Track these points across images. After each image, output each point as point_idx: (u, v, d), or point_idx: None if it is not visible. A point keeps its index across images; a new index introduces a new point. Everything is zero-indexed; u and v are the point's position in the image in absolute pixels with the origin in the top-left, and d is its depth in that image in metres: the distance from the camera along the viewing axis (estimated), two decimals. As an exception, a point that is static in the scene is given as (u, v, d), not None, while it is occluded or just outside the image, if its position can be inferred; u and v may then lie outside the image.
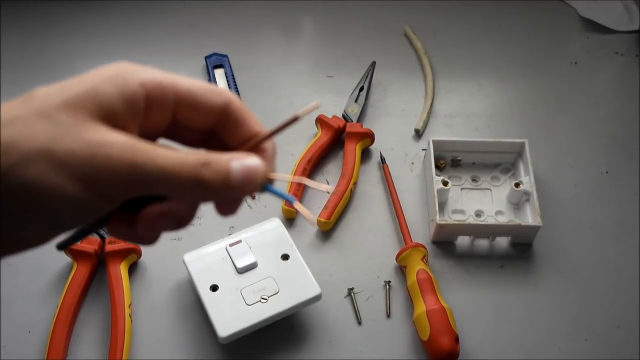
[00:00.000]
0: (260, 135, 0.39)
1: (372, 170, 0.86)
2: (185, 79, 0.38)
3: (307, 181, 0.39)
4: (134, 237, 0.38)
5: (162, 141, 0.39)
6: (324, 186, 0.39)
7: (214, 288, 0.71)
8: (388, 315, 0.75)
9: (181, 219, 0.38)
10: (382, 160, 0.86)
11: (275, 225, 0.76)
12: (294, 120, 0.38)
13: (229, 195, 0.36)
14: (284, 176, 0.38)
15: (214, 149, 0.38)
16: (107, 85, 0.34)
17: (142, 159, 0.33)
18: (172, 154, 0.34)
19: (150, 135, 0.37)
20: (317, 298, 0.71)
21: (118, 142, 0.33)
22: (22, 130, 0.32)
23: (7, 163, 0.31)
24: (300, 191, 0.82)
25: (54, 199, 0.32)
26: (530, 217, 0.79)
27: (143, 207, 0.37)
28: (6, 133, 0.32)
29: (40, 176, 0.32)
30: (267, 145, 0.39)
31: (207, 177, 0.35)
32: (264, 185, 0.37)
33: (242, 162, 0.36)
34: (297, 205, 0.38)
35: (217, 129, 0.39)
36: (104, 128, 0.34)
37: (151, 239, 0.39)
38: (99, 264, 0.76)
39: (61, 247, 0.41)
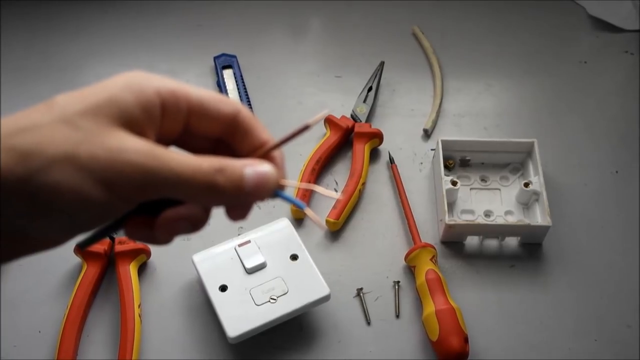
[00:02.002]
0: (272, 144, 0.40)
1: (380, 170, 0.86)
2: (196, 88, 0.39)
3: (316, 187, 0.40)
4: (150, 238, 0.40)
5: (172, 149, 0.40)
6: (333, 193, 0.40)
7: (223, 288, 0.71)
8: (397, 316, 0.75)
9: (197, 222, 0.40)
10: (391, 160, 0.86)
11: (284, 225, 0.76)
12: (305, 129, 0.40)
13: (242, 201, 0.38)
14: (294, 182, 0.40)
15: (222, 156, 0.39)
16: (125, 93, 0.36)
17: (159, 165, 0.35)
18: (187, 160, 0.36)
19: (163, 142, 0.38)
20: (326, 298, 0.71)
21: (137, 147, 0.35)
22: (47, 135, 0.34)
23: (33, 167, 0.33)
24: (309, 192, 0.82)
25: (78, 200, 0.34)
26: (539, 217, 0.79)
27: (159, 208, 0.38)
28: (31, 139, 0.33)
29: (65, 179, 0.33)
30: (276, 153, 0.40)
31: (221, 183, 0.36)
32: (275, 191, 0.39)
33: (255, 168, 0.37)
34: (308, 211, 0.40)
35: (226, 137, 0.40)
36: (123, 133, 0.35)
37: (167, 241, 0.40)
38: (109, 264, 0.76)
39: (82, 246, 0.42)
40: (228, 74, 0.92)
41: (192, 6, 1.02)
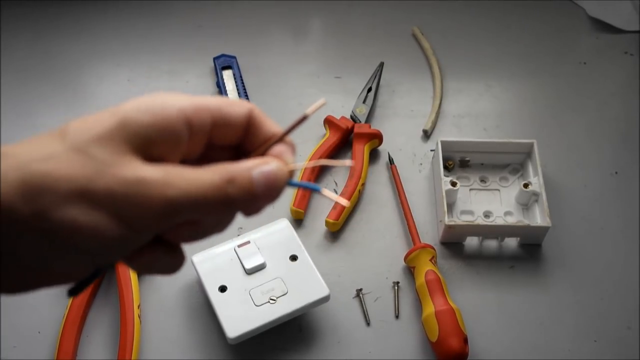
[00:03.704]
0: (273, 138, 0.40)
1: (380, 171, 0.86)
2: (209, 97, 0.38)
3: (326, 161, 0.40)
4: (158, 267, 0.39)
5: None
6: (347, 161, 0.40)
7: (223, 289, 0.71)
8: (397, 316, 0.75)
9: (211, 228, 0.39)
10: (391, 161, 0.86)
11: (283, 226, 0.76)
12: (304, 119, 0.39)
13: (257, 205, 0.37)
14: (302, 164, 0.39)
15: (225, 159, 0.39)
16: (139, 114, 0.35)
17: (174, 193, 0.34)
18: (199, 178, 0.35)
19: (189, 162, 0.37)
20: (325, 299, 0.71)
21: (152, 177, 0.34)
22: (60, 168, 0.33)
23: (45, 203, 0.32)
24: (309, 192, 0.82)
25: (94, 236, 0.33)
26: (539, 217, 0.79)
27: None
28: (44, 171, 0.32)
29: (79, 216, 0.32)
30: (286, 140, 0.40)
31: (233, 194, 0.35)
32: (290, 181, 0.38)
33: (261, 169, 0.36)
34: (325, 191, 0.39)
35: (242, 141, 0.40)
36: (138, 162, 0.34)
37: (179, 262, 0.39)
38: (108, 264, 0.76)
39: (72, 293, 0.40)
40: (228, 75, 0.92)
41: (193, 7, 1.02)
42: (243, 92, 0.91)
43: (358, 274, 0.77)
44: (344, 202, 0.41)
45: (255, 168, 0.36)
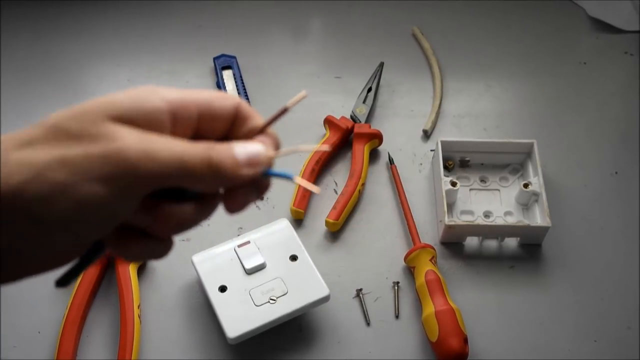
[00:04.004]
0: (255, 128, 0.40)
1: (380, 170, 0.86)
2: (199, 91, 0.39)
3: (304, 148, 0.40)
4: (144, 254, 0.39)
5: None
6: (324, 146, 0.41)
7: (223, 289, 0.71)
8: (397, 316, 0.75)
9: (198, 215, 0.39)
10: (391, 161, 0.86)
11: (283, 226, 0.76)
12: (284, 111, 0.40)
13: (238, 179, 0.37)
14: (285, 150, 0.39)
15: None
16: (124, 98, 0.35)
17: (156, 147, 0.34)
18: (181, 142, 0.35)
19: None
20: (325, 299, 0.71)
21: (131, 135, 0.34)
22: (37, 146, 0.33)
23: (22, 179, 0.32)
24: (308, 192, 0.82)
25: (74, 203, 0.33)
26: (539, 217, 0.79)
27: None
28: (23, 153, 0.33)
29: (59, 183, 0.32)
30: (268, 135, 0.40)
31: (216, 157, 0.36)
32: (266, 171, 0.38)
33: (243, 146, 0.37)
34: (298, 179, 0.39)
35: (229, 135, 0.40)
36: (116, 125, 0.34)
37: (165, 250, 0.39)
38: (108, 264, 0.76)
39: (60, 283, 0.40)
40: (228, 75, 0.93)
41: (193, 7, 1.02)
42: (243, 92, 0.91)
43: (358, 274, 0.77)
44: (315, 189, 0.41)
45: (237, 145, 0.37)
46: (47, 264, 0.36)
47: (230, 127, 0.40)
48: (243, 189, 0.39)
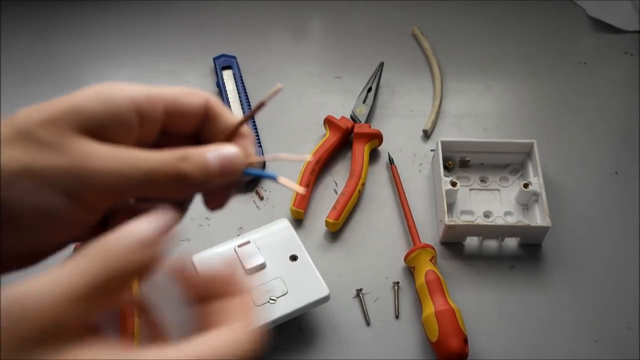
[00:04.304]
0: (233, 124, 0.40)
1: (380, 171, 0.86)
2: (167, 87, 0.38)
3: (284, 156, 0.39)
4: None
5: None
6: (305, 156, 0.40)
7: (223, 289, 0.71)
8: (397, 316, 0.75)
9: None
10: (391, 161, 0.86)
11: (283, 226, 0.76)
12: (260, 106, 0.39)
13: (210, 185, 0.37)
14: (262, 157, 0.39)
15: None
16: (91, 102, 0.35)
17: (122, 165, 0.34)
18: (151, 155, 0.35)
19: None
20: (325, 299, 0.71)
21: (99, 151, 0.34)
22: (7, 149, 0.33)
23: None
24: (309, 192, 0.82)
25: (38, 214, 0.33)
26: (539, 217, 0.79)
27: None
28: None
29: (25, 194, 0.32)
30: (245, 132, 0.40)
31: (186, 170, 0.35)
32: (245, 170, 0.38)
33: (218, 151, 0.37)
34: (282, 179, 0.39)
35: (199, 131, 0.40)
36: (85, 140, 0.34)
37: None
38: (108, 264, 0.76)
39: None
40: (228, 75, 0.92)
41: (193, 7, 1.02)
42: (243, 92, 0.91)
43: (358, 274, 0.77)
44: (301, 190, 0.41)
45: (210, 150, 0.37)
46: (21, 262, 0.36)
47: (202, 123, 0.39)
48: (220, 189, 0.39)
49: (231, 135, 0.39)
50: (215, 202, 0.40)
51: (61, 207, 0.33)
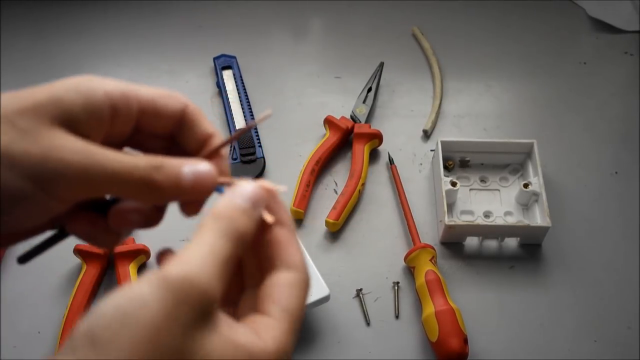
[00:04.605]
0: (218, 143, 0.40)
1: (380, 170, 0.86)
2: (146, 87, 0.39)
3: (266, 182, 0.40)
4: (94, 238, 0.39)
5: (126, 150, 0.41)
6: (281, 187, 0.41)
7: (223, 289, 0.71)
8: (397, 316, 0.75)
9: (149, 216, 0.39)
10: (391, 161, 0.86)
11: (283, 226, 0.76)
12: (247, 129, 0.40)
13: (181, 198, 0.38)
14: (233, 180, 0.39)
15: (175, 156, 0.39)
16: (70, 93, 0.36)
17: (94, 163, 0.34)
18: (124, 158, 0.36)
19: (114, 143, 0.38)
20: (325, 299, 0.71)
21: (72, 146, 0.34)
22: None
23: None
24: (308, 192, 0.82)
25: (8, 196, 0.33)
26: (539, 217, 0.79)
27: (107, 207, 0.39)
28: None
29: None
30: (221, 152, 0.41)
31: (158, 180, 0.36)
32: (217, 187, 0.39)
33: (193, 167, 0.37)
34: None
35: (175, 133, 0.40)
36: (61, 132, 0.35)
37: (115, 241, 0.40)
38: (108, 264, 0.76)
39: (22, 260, 0.41)
40: (228, 75, 0.93)
41: (193, 7, 1.02)
42: (243, 92, 0.91)
43: (358, 274, 0.77)
44: (269, 218, 0.41)
45: (187, 164, 0.37)
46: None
47: (178, 127, 0.40)
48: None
49: (211, 153, 0.40)
50: (190, 209, 0.40)
51: (30, 192, 0.34)
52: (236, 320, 0.35)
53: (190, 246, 0.34)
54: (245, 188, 0.37)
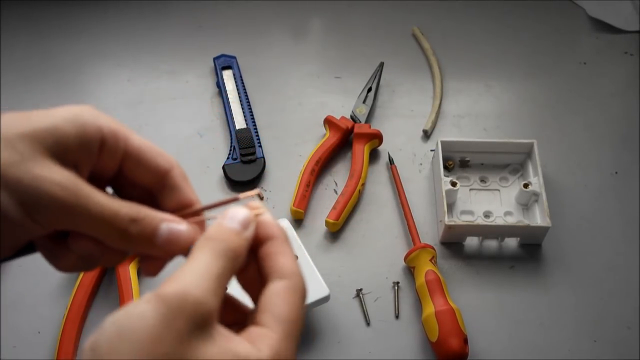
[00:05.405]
0: (198, 207, 0.41)
1: (380, 171, 0.86)
2: (139, 137, 0.40)
3: (250, 203, 0.40)
4: (51, 256, 0.40)
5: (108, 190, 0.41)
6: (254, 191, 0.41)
7: (223, 289, 0.71)
8: (397, 316, 0.75)
9: (109, 256, 0.40)
10: (391, 161, 0.86)
11: (283, 226, 0.75)
12: (234, 200, 0.41)
13: (152, 253, 0.39)
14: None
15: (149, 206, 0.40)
16: (67, 124, 0.37)
17: (76, 202, 0.35)
18: (107, 203, 0.37)
19: (100, 179, 0.39)
20: (325, 299, 0.71)
21: (60, 180, 0.35)
22: None
23: None
24: (308, 192, 0.82)
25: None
26: (539, 217, 0.79)
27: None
28: None
29: None
30: (204, 215, 0.41)
31: (133, 233, 0.37)
32: (190, 248, 0.39)
33: (170, 225, 0.38)
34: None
35: (155, 190, 0.41)
36: (53, 164, 0.36)
37: (119, 260, 0.40)
38: (108, 264, 0.76)
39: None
40: (228, 75, 0.92)
41: (193, 7, 1.02)
42: (243, 92, 0.91)
43: (358, 274, 0.77)
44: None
45: (165, 221, 0.38)
46: None
47: (160, 184, 0.40)
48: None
49: (191, 214, 0.41)
50: (148, 268, 0.41)
51: (15, 214, 0.34)
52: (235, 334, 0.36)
53: (184, 266, 0.35)
54: (233, 212, 0.38)
